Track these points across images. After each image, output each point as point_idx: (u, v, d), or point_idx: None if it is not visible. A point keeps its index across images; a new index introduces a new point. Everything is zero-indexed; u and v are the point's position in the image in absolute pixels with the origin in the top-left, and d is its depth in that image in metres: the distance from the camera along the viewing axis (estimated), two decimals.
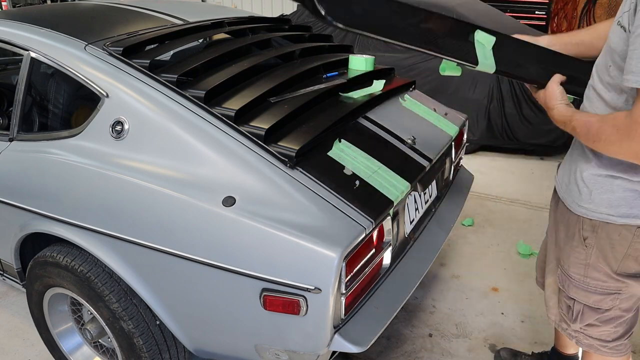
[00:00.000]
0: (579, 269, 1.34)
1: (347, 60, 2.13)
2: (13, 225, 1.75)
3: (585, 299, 1.35)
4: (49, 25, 1.79)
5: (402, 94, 2.12)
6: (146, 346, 1.56)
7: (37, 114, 1.94)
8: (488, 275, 2.57)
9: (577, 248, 1.32)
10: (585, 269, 1.32)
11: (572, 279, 1.36)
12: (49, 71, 1.89)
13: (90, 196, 1.52)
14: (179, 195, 1.39)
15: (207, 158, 1.43)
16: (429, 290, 2.45)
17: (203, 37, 2.02)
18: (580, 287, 1.35)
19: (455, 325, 2.22)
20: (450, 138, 2.03)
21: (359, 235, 1.31)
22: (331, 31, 4.48)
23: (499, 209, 3.31)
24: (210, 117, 1.49)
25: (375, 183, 1.50)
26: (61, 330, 1.91)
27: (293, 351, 1.37)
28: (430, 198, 1.95)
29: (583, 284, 1.34)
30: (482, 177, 3.79)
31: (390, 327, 2.18)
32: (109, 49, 1.65)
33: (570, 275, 1.36)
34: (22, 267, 1.88)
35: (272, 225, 1.29)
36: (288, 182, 1.38)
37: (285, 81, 1.74)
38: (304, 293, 1.26)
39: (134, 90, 1.55)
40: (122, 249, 1.48)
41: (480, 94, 3.99)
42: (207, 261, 1.35)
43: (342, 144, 1.59)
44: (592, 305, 1.34)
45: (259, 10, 8.31)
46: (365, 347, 1.34)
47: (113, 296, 1.53)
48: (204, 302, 1.42)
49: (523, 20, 5.60)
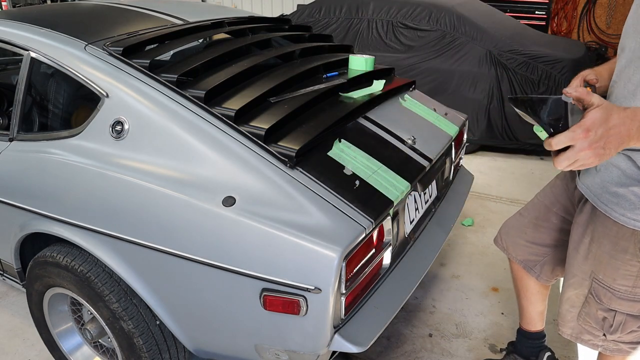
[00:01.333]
0: (627, 281, 1.25)
1: (347, 60, 2.14)
2: (13, 225, 1.75)
3: (629, 309, 1.28)
4: (49, 25, 1.79)
5: (402, 94, 2.12)
6: (146, 346, 1.56)
7: (37, 114, 1.94)
8: (488, 275, 2.57)
9: (631, 261, 1.22)
10: (636, 280, 1.24)
11: (615, 291, 1.27)
12: (49, 71, 1.89)
13: (90, 196, 1.52)
14: (179, 195, 1.39)
15: (207, 158, 1.43)
16: (429, 290, 2.45)
17: (203, 37, 2.02)
18: (625, 299, 1.27)
19: (455, 325, 2.22)
20: (450, 138, 2.03)
21: (359, 235, 1.31)
22: (331, 31, 4.49)
23: (499, 209, 3.31)
24: (210, 117, 1.50)
25: (375, 183, 1.50)
26: (61, 330, 1.91)
27: (293, 351, 1.37)
28: (430, 198, 1.95)
29: (630, 295, 1.26)
30: (482, 177, 3.79)
31: (390, 327, 2.18)
32: (109, 49, 1.65)
33: (614, 287, 1.27)
34: (22, 267, 1.88)
35: (272, 225, 1.29)
36: (288, 182, 1.38)
37: (285, 81, 1.74)
38: (304, 293, 1.26)
39: (134, 90, 1.55)
40: (122, 249, 1.48)
41: (480, 94, 3.99)
42: (207, 261, 1.35)
43: (342, 144, 1.59)
44: (637, 313, 1.28)
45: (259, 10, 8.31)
46: (365, 347, 1.34)
47: (113, 296, 1.53)
48: (204, 302, 1.42)
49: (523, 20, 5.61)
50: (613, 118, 0.93)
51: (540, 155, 4.19)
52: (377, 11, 4.38)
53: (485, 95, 3.98)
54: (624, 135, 0.94)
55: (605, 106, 0.94)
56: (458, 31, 4.08)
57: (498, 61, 3.93)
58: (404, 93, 2.15)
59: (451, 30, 4.10)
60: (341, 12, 4.53)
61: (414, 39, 4.22)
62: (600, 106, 0.94)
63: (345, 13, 4.51)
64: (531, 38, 4.28)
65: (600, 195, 1.23)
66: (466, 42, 4.05)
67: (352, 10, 4.48)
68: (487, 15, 4.42)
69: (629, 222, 1.18)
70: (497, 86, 3.95)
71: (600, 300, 1.30)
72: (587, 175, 1.28)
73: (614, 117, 0.93)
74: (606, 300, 1.29)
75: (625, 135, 0.94)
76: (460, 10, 4.17)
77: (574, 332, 1.41)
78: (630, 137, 0.94)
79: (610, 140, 0.93)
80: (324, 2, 4.63)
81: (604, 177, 1.22)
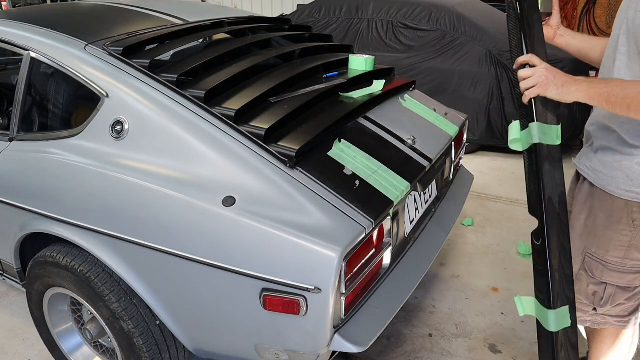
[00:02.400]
0: (619, 252, 1.36)
1: (347, 60, 2.13)
2: (13, 225, 1.74)
3: (619, 281, 1.39)
4: (49, 25, 1.79)
5: (402, 94, 2.12)
6: (146, 346, 1.56)
7: (37, 114, 1.94)
8: (488, 275, 2.57)
9: (624, 231, 1.34)
10: (627, 250, 1.35)
11: (607, 263, 1.39)
12: (49, 71, 1.89)
13: (90, 196, 1.52)
14: (179, 195, 1.39)
15: (207, 158, 1.43)
16: (429, 290, 2.45)
17: (203, 37, 2.02)
18: (616, 270, 1.38)
19: (455, 325, 2.22)
20: (450, 138, 2.03)
21: (359, 235, 1.31)
22: (331, 31, 4.49)
23: (499, 209, 3.31)
24: (210, 117, 1.50)
25: (375, 183, 1.50)
26: (61, 330, 1.91)
27: (293, 351, 1.37)
28: (430, 198, 1.94)
29: (620, 266, 1.37)
30: (482, 177, 3.79)
31: (390, 327, 2.18)
32: (109, 49, 1.65)
33: (607, 260, 1.38)
34: (22, 267, 1.88)
35: (272, 225, 1.29)
36: (288, 182, 1.38)
37: (285, 81, 1.74)
38: (304, 293, 1.26)
39: (134, 90, 1.55)
40: (122, 249, 1.48)
41: (480, 94, 3.99)
42: (207, 261, 1.35)
43: (342, 144, 1.59)
44: (625, 285, 1.39)
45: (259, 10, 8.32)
46: (365, 347, 1.34)
47: (113, 296, 1.53)
48: (204, 302, 1.42)
49: None
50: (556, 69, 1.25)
51: None
52: (377, 11, 4.38)
53: (485, 95, 3.98)
54: (565, 77, 1.22)
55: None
56: (458, 31, 4.08)
57: (498, 61, 3.93)
58: (404, 93, 2.15)
59: (451, 30, 4.10)
60: (341, 12, 4.53)
61: (414, 39, 4.22)
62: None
63: (345, 13, 4.51)
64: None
65: (597, 172, 1.38)
66: (466, 42, 4.05)
67: (352, 10, 4.48)
68: (487, 15, 4.42)
69: (623, 193, 1.32)
70: (497, 86, 3.95)
71: (593, 274, 1.42)
72: (585, 157, 1.44)
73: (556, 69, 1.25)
74: (598, 273, 1.41)
75: (571, 80, 1.21)
76: (460, 10, 4.17)
77: None
78: (576, 81, 1.21)
79: (557, 75, 1.23)
80: (324, 2, 4.64)
81: (600, 157, 1.37)
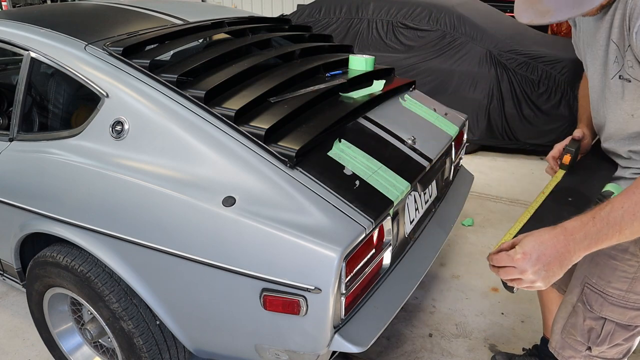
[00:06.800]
0: (622, 284, 1.23)
1: (347, 60, 2.14)
2: (13, 225, 1.75)
3: (620, 317, 1.25)
4: (49, 25, 1.79)
5: (402, 94, 2.12)
6: (146, 346, 1.56)
7: (37, 114, 1.94)
8: (488, 275, 2.57)
9: (630, 261, 1.22)
10: (631, 283, 1.22)
11: (608, 296, 1.25)
12: (49, 71, 1.89)
13: (90, 196, 1.52)
14: (179, 195, 1.39)
15: (207, 158, 1.43)
16: (429, 290, 2.45)
17: (203, 37, 2.02)
18: (617, 304, 1.24)
19: (455, 325, 2.22)
20: (450, 138, 2.03)
21: (359, 235, 1.31)
22: (331, 31, 4.49)
23: (499, 209, 3.31)
24: (210, 117, 1.50)
25: (375, 183, 1.50)
26: (61, 330, 1.91)
27: (293, 351, 1.37)
28: (430, 198, 1.95)
29: (622, 300, 1.23)
30: (482, 177, 3.79)
31: (390, 327, 2.18)
32: (109, 49, 1.65)
33: (608, 292, 1.25)
34: (22, 267, 1.88)
35: (272, 225, 1.29)
36: (288, 182, 1.38)
37: (285, 81, 1.74)
38: (304, 293, 1.26)
39: (134, 90, 1.55)
40: (122, 249, 1.48)
41: (480, 94, 3.99)
42: (207, 261, 1.35)
43: (342, 144, 1.59)
44: (626, 322, 1.25)
45: (259, 10, 8.32)
46: (365, 347, 1.34)
47: (113, 296, 1.53)
48: (204, 302, 1.42)
49: None
50: (544, 238, 0.94)
51: (540, 156, 4.19)
52: (377, 11, 4.38)
53: (485, 95, 3.98)
54: (563, 252, 0.93)
55: (535, 232, 0.96)
56: (458, 31, 4.08)
57: (498, 61, 3.94)
58: (404, 93, 2.15)
59: (451, 30, 4.10)
60: (341, 12, 4.53)
61: (414, 39, 4.23)
62: (531, 233, 0.96)
63: (345, 13, 4.51)
64: (531, 38, 4.28)
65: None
66: (466, 42, 4.05)
67: (352, 10, 4.48)
68: (487, 15, 4.42)
69: None
70: (497, 86, 3.95)
71: (591, 307, 1.28)
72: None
73: (545, 237, 0.94)
74: (597, 306, 1.27)
75: (564, 251, 0.93)
76: (460, 10, 4.18)
77: (556, 345, 1.38)
78: (569, 251, 0.93)
79: (550, 262, 0.93)
80: (324, 2, 4.64)
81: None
